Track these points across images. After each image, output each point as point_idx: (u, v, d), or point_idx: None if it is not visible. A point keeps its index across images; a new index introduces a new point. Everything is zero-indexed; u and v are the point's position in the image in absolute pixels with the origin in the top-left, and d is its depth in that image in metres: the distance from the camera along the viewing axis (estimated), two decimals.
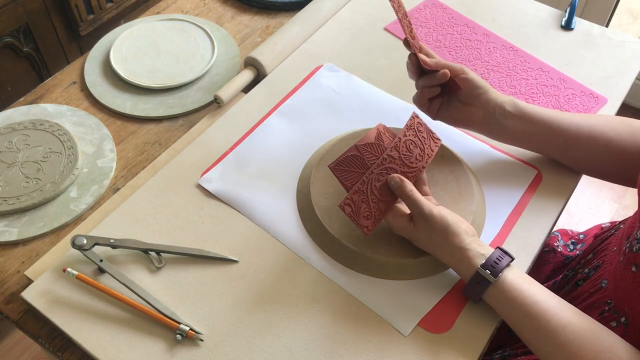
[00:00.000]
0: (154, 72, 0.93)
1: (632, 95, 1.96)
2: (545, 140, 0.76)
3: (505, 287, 0.63)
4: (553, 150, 0.78)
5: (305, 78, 0.91)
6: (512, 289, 0.63)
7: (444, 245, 0.66)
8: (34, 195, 0.77)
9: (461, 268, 0.65)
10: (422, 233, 0.67)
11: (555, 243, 0.93)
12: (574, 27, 1.01)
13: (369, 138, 0.69)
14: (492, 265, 0.63)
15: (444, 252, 0.66)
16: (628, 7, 2.27)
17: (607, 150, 0.74)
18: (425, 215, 0.65)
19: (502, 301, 0.63)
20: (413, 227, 0.67)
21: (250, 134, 0.83)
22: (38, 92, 0.91)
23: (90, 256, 0.68)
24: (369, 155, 0.68)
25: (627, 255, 0.66)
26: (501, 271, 0.63)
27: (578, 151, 0.76)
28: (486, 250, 0.65)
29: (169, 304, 0.67)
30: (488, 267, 0.63)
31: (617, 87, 0.92)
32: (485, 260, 0.64)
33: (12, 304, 0.69)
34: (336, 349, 0.64)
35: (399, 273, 0.69)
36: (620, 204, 1.83)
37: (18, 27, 1.25)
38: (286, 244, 0.72)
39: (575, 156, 0.77)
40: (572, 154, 0.77)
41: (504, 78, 0.93)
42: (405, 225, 0.68)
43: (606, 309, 0.68)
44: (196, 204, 0.75)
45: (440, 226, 0.65)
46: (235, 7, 1.06)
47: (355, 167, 0.68)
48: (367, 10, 1.03)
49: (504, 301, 0.63)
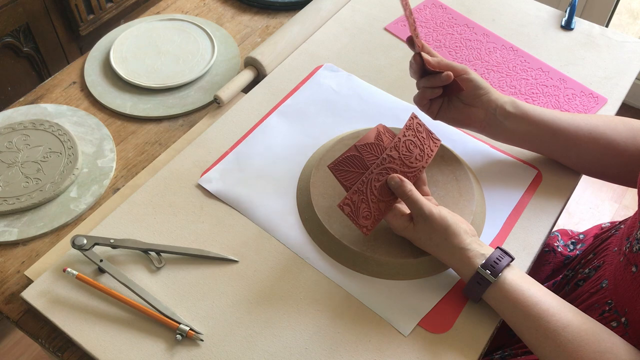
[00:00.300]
0: (154, 72, 0.93)
1: (632, 95, 1.96)
2: (545, 140, 0.76)
3: (505, 287, 0.63)
4: (553, 150, 0.78)
5: (305, 78, 0.91)
6: (512, 289, 0.63)
7: (444, 245, 0.66)
8: (34, 195, 0.77)
9: (461, 268, 0.65)
10: (422, 233, 0.67)
11: (555, 243, 0.93)
12: (574, 27, 1.01)
13: (369, 138, 0.69)
14: (492, 265, 0.63)
15: (444, 252, 0.66)
16: (628, 7, 2.27)
17: (607, 151, 0.74)
18: (425, 215, 0.65)
19: (502, 301, 0.63)
20: (413, 227, 0.67)
21: (250, 134, 0.83)
22: (38, 92, 0.91)
23: (90, 256, 0.68)
24: (368, 155, 0.68)
25: (628, 255, 0.66)
26: (501, 271, 0.63)
27: (578, 152, 0.76)
28: (486, 250, 0.65)
29: (169, 304, 0.67)
30: (488, 267, 0.63)
31: (617, 87, 0.92)
32: (485, 260, 0.64)
33: (12, 304, 0.69)
34: (336, 349, 0.64)
35: (399, 273, 0.69)
36: (621, 204, 1.83)
37: (18, 27, 1.25)
38: (286, 244, 0.72)
39: (575, 157, 0.77)
40: (572, 154, 0.77)
41: (504, 78, 0.93)
42: (405, 226, 0.68)
43: (606, 309, 0.68)
44: (196, 204, 0.75)
45: (440, 226, 0.65)
46: (235, 7, 1.07)
47: (355, 167, 0.68)
48: (367, 10, 1.03)
49: (504, 301, 0.63)
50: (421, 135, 0.72)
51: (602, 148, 0.74)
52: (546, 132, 0.75)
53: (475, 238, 0.66)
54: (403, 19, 1.01)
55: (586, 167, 0.78)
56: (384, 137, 0.70)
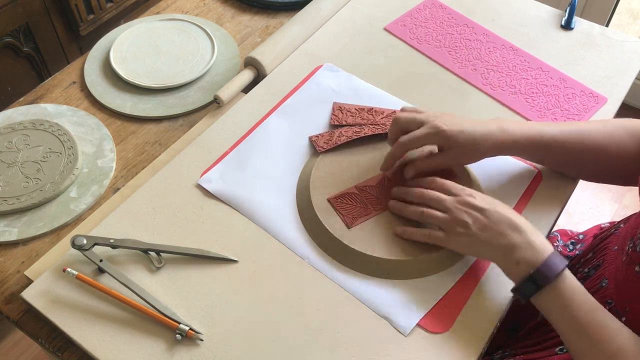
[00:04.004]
0: (154, 72, 0.93)
1: (632, 95, 1.96)
2: (540, 160, 0.78)
3: (561, 291, 0.61)
4: (551, 165, 0.79)
5: (305, 78, 0.91)
6: (569, 293, 0.61)
7: (497, 242, 0.64)
8: (34, 195, 0.77)
9: (510, 265, 0.64)
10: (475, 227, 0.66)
11: (555, 243, 0.93)
12: (574, 27, 1.01)
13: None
14: (552, 265, 0.62)
15: (492, 249, 0.65)
16: (628, 7, 2.27)
17: (600, 157, 0.74)
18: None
19: (556, 305, 0.62)
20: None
21: (250, 134, 0.83)
22: (38, 92, 0.91)
23: (90, 256, 0.68)
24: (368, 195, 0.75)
25: (631, 255, 0.66)
26: (559, 274, 0.61)
27: (576, 165, 0.76)
28: (542, 250, 0.63)
29: (169, 304, 0.67)
30: (545, 268, 0.61)
31: (617, 87, 0.92)
32: (546, 258, 0.62)
33: (12, 304, 0.69)
34: (336, 349, 0.64)
35: (399, 273, 0.69)
36: (621, 204, 1.83)
37: (18, 27, 1.25)
38: (286, 244, 0.72)
39: (577, 169, 0.78)
40: (570, 168, 0.78)
41: (503, 78, 0.93)
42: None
43: (607, 309, 0.68)
44: (196, 204, 0.75)
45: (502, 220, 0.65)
46: (235, 7, 1.07)
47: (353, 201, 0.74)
48: (367, 10, 1.03)
49: (558, 305, 0.62)
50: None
51: (595, 154, 0.74)
52: (539, 155, 0.76)
53: (529, 233, 0.65)
54: (403, 18, 1.01)
55: (589, 176, 0.79)
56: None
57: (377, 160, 0.79)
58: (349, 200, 0.74)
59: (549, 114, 0.88)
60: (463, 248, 0.68)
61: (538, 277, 0.62)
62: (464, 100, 0.89)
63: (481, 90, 0.91)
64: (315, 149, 0.80)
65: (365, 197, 0.75)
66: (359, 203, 0.74)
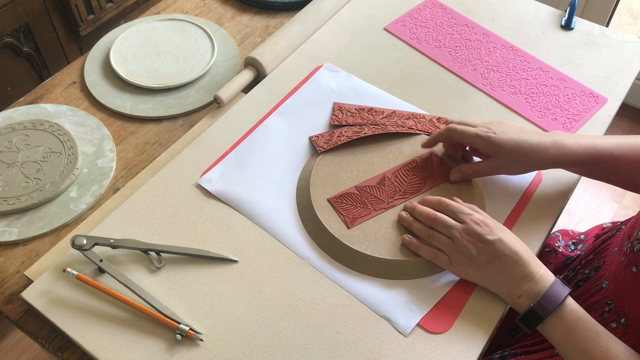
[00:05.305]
0: (154, 72, 0.93)
1: (632, 95, 1.96)
2: (595, 175, 0.76)
3: (563, 319, 0.62)
4: (607, 180, 0.77)
5: (305, 78, 0.91)
6: (571, 320, 0.62)
7: (499, 276, 0.65)
8: (34, 195, 0.77)
9: (513, 299, 0.65)
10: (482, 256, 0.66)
11: (556, 243, 0.93)
12: (574, 27, 1.01)
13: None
14: (553, 296, 0.62)
15: (494, 282, 0.66)
16: (628, 7, 2.27)
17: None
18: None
19: (558, 333, 0.62)
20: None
21: (250, 134, 0.83)
22: (38, 92, 0.91)
23: (90, 256, 0.68)
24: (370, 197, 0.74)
25: (629, 256, 0.66)
26: (562, 302, 0.62)
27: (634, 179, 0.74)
28: (545, 279, 0.64)
29: (169, 304, 0.67)
30: (546, 300, 0.62)
31: (617, 87, 0.92)
32: (546, 290, 0.63)
33: (12, 304, 0.69)
34: (336, 349, 0.64)
35: (399, 273, 0.69)
36: (621, 204, 1.83)
37: (18, 27, 1.25)
38: (286, 244, 0.72)
39: (634, 185, 0.75)
40: (626, 183, 0.75)
41: (503, 78, 0.93)
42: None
43: (606, 310, 0.68)
44: (196, 204, 0.75)
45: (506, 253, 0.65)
46: (235, 7, 1.07)
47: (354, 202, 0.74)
48: (367, 10, 1.03)
49: (560, 333, 0.62)
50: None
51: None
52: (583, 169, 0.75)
53: (530, 266, 0.65)
54: (403, 18, 1.01)
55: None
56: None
57: (377, 160, 0.79)
58: (349, 200, 0.74)
59: (549, 114, 0.88)
60: (467, 276, 0.68)
61: (539, 309, 0.62)
62: (464, 100, 0.89)
63: (481, 90, 0.91)
64: (315, 149, 0.80)
65: (365, 197, 0.75)
66: (359, 203, 0.74)
